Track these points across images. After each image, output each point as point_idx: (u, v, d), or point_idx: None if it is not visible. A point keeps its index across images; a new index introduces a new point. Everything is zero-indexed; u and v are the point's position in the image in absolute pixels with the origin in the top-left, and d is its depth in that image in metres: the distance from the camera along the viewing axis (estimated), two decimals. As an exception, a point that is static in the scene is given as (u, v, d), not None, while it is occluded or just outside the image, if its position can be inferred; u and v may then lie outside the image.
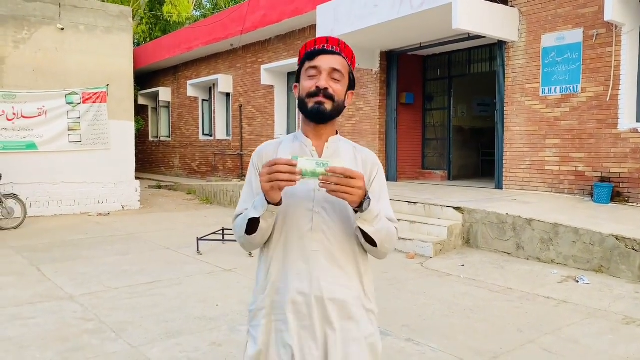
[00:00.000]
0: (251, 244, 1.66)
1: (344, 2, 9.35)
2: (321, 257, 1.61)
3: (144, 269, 5.94)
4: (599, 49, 7.38)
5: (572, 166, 7.72)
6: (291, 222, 1.63)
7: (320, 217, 1.61)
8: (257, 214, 1.54)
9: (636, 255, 5.12)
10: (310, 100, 1.62)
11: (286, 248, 1.64)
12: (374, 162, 1.74)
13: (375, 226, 1.55)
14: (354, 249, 1.66)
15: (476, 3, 7.77)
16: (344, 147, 1.72)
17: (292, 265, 1.63)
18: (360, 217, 1.53)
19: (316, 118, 1.63)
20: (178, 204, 12.26)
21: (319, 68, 1.63)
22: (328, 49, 1.65)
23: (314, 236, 1.61)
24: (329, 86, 1.61)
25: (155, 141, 20.44)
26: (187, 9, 21.15)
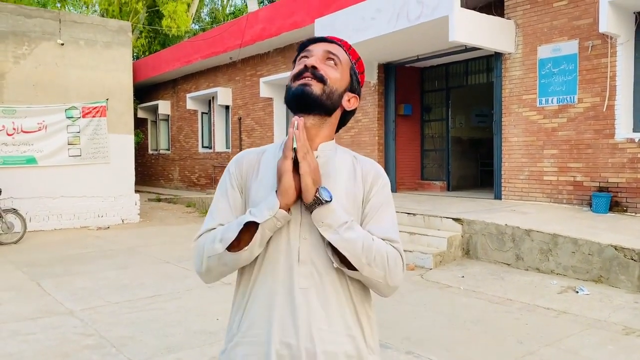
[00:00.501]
0: (225, 267, 1.30)
1: (341, 15, 9.44)
2: (312, 297, 1.28)
3: (144, 283, 5.95)
4: (594, 60, 7.45)
5: (571, 176, 7.75)
6: (274, 252, 1.31)
7: (309, 244, 1.29)
8: (259, 219, 1.23)
9: (635, 265, 5.14)
10: (295, 82, 1.33)
11: (267, 284, 1.31)
12: (376, 173, 1.40)
13: (344, 235, 1.24)
14: (349, 283, 1.33)
15: (472, 16, 7.85)
16: (340, 158, 1.40)
17: (275, 307, 1.28)
18: (318, 220, 1.24)
19: (299, 101, 1.32)
20: (178, 217, 12.27)
21: (310, 52, 1.38)
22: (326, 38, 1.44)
23: (302, 270, 1.28)
24: (319, 66, 1.33)
25: (155, 154, 20.49)
26: (185, 23, 21.26)
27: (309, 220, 1.28)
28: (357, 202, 1.35)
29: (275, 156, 1.38)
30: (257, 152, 1.45)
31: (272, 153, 1.41)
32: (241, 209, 1.38)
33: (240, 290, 1.38)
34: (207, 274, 1.34)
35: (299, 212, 1.31)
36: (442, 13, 7.63)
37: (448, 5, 7.54)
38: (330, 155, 1.39)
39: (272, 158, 1.38)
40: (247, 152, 1.47)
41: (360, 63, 1.46)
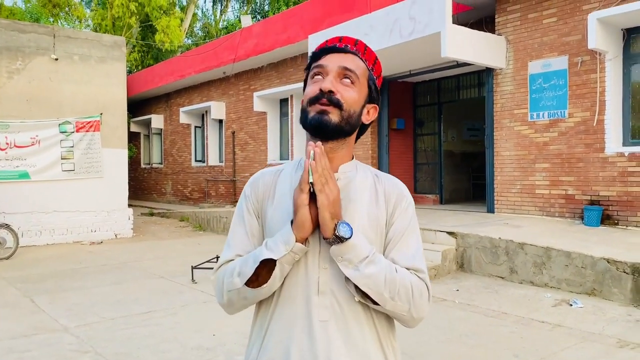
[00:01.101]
0: (246, 300, 1.27)
1: (335, 31, 9.54)
2: (332, 330, 1.21)
3: (139, 299, 5.92)
4: (584, 76, 7.58)
5: (562, 190, 7.84)
6: (292, 283, 1.25)
7: (329, 274, 1.23)
8: (275, 255, 1.18)
9: (627, 278, 5.20)
10: (311, 109, 1.26)
11: (285, 317, 1.25)
12: (400, 194, 1.33)
13: (364, 271, 1.17)
14: (373, 314, 1.26)
15: (464, 32, 7.97)
16: (360, 179, 1.33)
17: (293, 341, 1.23)
18: (337, 255, 1.18)
19: (316, 131, 1.25)
20: (171, 232, 12.23)
21: (324, 68, 1.28)
22: (339, 47, 1.30)
23: (322, 301, 1.22)
24: (335, 89, 1.24)
25: (147, 168, 20.46)
26: (179, 38, 21.39)
27: (328, 248, 1.21)
28: (380, 225, 1.29)
29: (291, 177, 1.32)
30: (273, 173, 1.38)
31: (288, 174, 1.35)
32: (259, 236, 1.33)
33: (258, 322, 1.32)
34: (229, 306, 1.32)
35: (317, 242, 1.24)
36: (434, 29, 7.74)
37: (440, 21, 7.66)
38: (351, 177, 1.32)
39: (289, 179, 1.33)
40: (262, 173, 1.40)
41: (377, 65, 1.37)
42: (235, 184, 15.18)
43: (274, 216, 1.30)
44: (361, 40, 1.34)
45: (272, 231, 1.28)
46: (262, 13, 27.47)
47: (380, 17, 8.65)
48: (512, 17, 8.44)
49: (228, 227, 11.66)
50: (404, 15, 8.21)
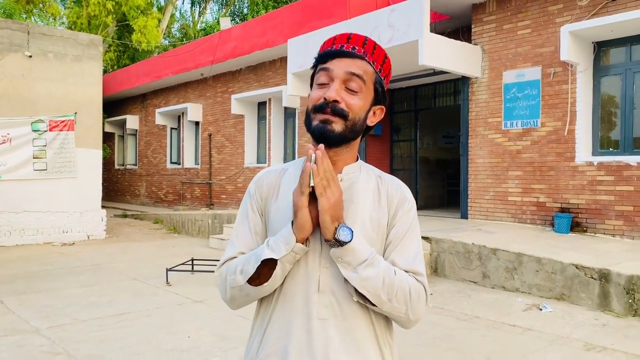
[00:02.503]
0: (247, 296, 1.28)
1: (314, 36, 9.61)
2: (330, 328, 1.23)
3: (112, 301, 5.85)
4: (556, 86, 7.79)
5: (534, 197, 8.03)
6: (292, 281, 1.27)
7: (329, 274, 1.25)
8: (276, 255, 1.19)
9: (595, 283, 5.35)
10: (316, 118, 1.27)
11: (285, 314, 1.27)
12: (402, 196, 1.35)
13: (362, 274, 1.19)
14: (372, 313, 1.28)
15: (441, 41, 8.12)
16: (363, 180, 1.34)
17: (292, 337, 1.25)
18: (337, 257, 1.20)
19: (320, 140, 1.26)
20: (145, 234, 12.09)
21: (330, 73, 1.26)
22: (347, 49, 1.27)
23: (322, 299, 1.24)
24: (339, 98, 1.24)
25: (122, 169, 20.18)
26: (156, 38, 21.20)
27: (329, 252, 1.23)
28: (381, 227, 1.30)
29: (295, 177, 1.32)
30: (278, 172, 1.39)
31: (292, 174, 1.36)
32: (262, 233, 1.35)
33: (259, 318, 1.34)
34: (232, 302, 1.32)
35: (318, 241, 1.26)
36: (412, 37, 7.87)
37: (418, 30, 7.78)
38: (354, 178, 1.33)
39: (293, 179, 1.33)
40: (267, 171, 1.41)
41: (386, 64, 1.34)
42: (211, 187, 15.09)
43: (277, 215, 1.32)
44: (370, 39, 1.30)
45: (275, 229, 1.30)
46: (241, 16, 27.42)
47: (360, 23, 8.74)
48: (488, 27, 8.62)
49: (203, 230, 11.63)
50: (383, 22, 8.31)
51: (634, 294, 5.07)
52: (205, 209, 14.34)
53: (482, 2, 8.67)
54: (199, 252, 9.07)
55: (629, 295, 5.10)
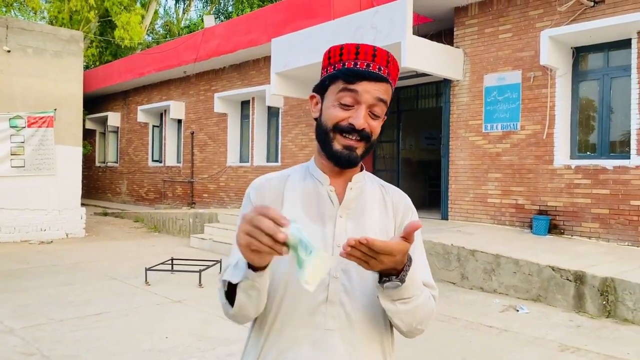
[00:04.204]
0: (235, 316, 1.19)
1: (298, 36, 9.61)
2: (337, 340, 1.19)
3: (90, 300, 5.79)
4: (535, 90, 7.90)
5: (513, 199, 8.13)
6: (297, 291, 1.18)
7: (339, 284, 1.21)
8: (235, 279, 1.10)
9: (570, 285, 5.45)
10: (338, 140, 1.22)
11: (288, 326, 1.21)
12: (406, 205, 1.35)
13: (409, 305, 1.15)
14: (379, 326, 1.25)
15: (423, 43, 8.17)
16: (369, 189, 1.33)
17: (296, 350, 1.19)
18: (386, 293, 1.13)
19: (342, 165, 1.24)
20: (125, 232, 11.97)
21: (358, 98, 1.21)
22: (374, 70, 1.21)
23: (330, 310, 1.20)
24: (367, 126, 1.21)
25: (102, 167, 19.95)
26: (139, 35, 20.93)
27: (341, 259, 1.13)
28: (389, 236, 1.27)
29: (300, 185, 1.29)
30: (280, 178, 1.32)
31: (297, 181, 1.31)
32: None
33: (257, 326, 1.27)
34: (229, 317, 1.22)
35: (330, 248, 1.22)
36: (395, 39, 7.91)
37: (401, 32, 7.83)
38: (363, 187, 1.32)
39: (298, 187, 1.29)
40: (267, 178, 1.33)
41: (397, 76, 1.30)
42: (193, 185, 15.00)
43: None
44: (390, 54, 1.26)
45: None
46: (226, 14, 27.27)
47: (344, 24, 8.76)
48: (470, 30, 8.71)
49: (184, 229, 11.55)
50: (367, 23, 8.34)
51: (608, 295, 5.16)
52: (186, 208, 14.25)
53: (465, 6, 8.75)
54: (179, 252, 9.01)
55: (603, 297, 5.20)
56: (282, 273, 1.20)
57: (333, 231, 1.24)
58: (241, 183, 13.35)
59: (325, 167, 1.28)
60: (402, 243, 1.04)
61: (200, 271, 6.64)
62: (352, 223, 1.26)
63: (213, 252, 9.09)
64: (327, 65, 1.26)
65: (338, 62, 1.23)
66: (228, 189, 13.77)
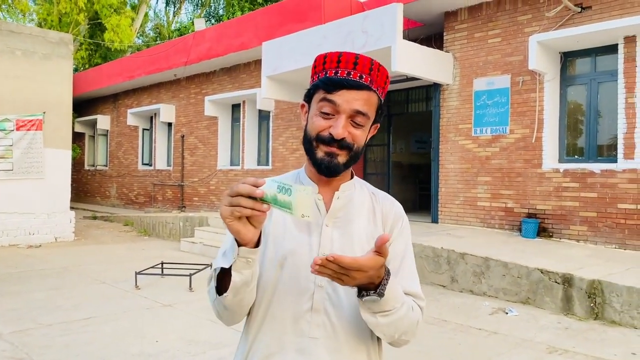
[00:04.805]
0: (226, 309, 1.18)
1: (289, 40, 9.63)
2: (321, 348, 1.20)
3: (79, 305, 5.75)
4: (524, 94, 7.97)
5: (502, 202, 8.19)
6: (283, 297, 1.22)
7: (324, 293, 1.22)
8: (227, 263, 1.10)
9: (558, 287, 5.50)
10: (320, 148, 1.22)
11: (273, 332, 1.23)
12: (396, 214, 1.34)
13: (390, 317, 1.15)
14: (365, 336, 1.26)
15: (414, 48, 8.23)
16: (358, 197, 1.32)
17: (281, 356, 1.21)
18: (366, 306, 1.13)
19: (324, 172, 1.24)
20: (115, 236, 11.90)
21: (337, 108, 1.20)
22: (354, 79, 1.20)
23: (315, 318, 1.21)
24: (346, 135, 1.21)
25: (92, 170, 19.83)
26: (129, 37, 20.86)
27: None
28: None
29: None
30: None
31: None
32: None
33: (244, 334, 1.29)
34: (220, 318, 1.24)
35: (315, 253, 1.22)
36: (385, 44, 7.95)
37: (391, 36, 7.87)
38: (350, 196, 1.31)
39: None
40: None
41: (387, 84, 1.30)
42: (183, 189, 14.95)
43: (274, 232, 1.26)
44: (375, 61, 1.24)
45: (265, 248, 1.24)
46: (217, 17, 27.25)
47: (334, 28, 8.80)
48: (460, 35, 8.78)
49: (174, 232, 11.50)
50: (357, 28, 8.39)
51: (595, 297, 5.22)
52: (176, 212, 14.20)
53: (454, 11, 8.82)
54: (170, 256, 8.97)
55: (590, 299, 5.25)
56: (270, 278, 1.21)
57: (319, 240, 1.24)
58: (232, 186, 13.30)
59: (314, 175, 1.28)
60: (374, 258, 1.04)
61: (191, 275, 6.62)
62: (338, 232, 1.26)
63: (204, 255, 9.07)
64: (313, 74, 1.27)
65: (321, 71, 1.24)
66: (219, 192, 13.74)
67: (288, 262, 1.22)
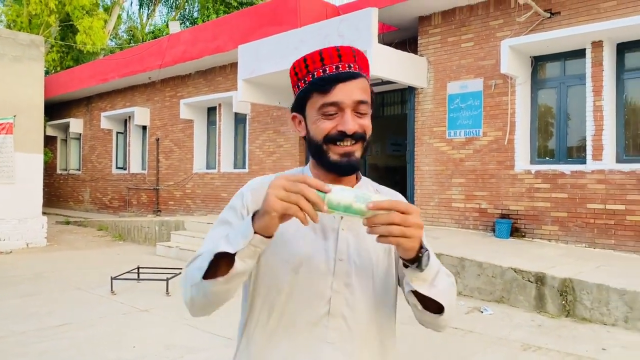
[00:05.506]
0: (206, 297, 1.12)
1: (265, 43, 9.64)
2: (337, 353, 1.19)
3: (54, 311, 5.66)
4: (497, 98, 8.14)
5: (476, 203, 8.34)
6: (299, 303, 1.19)
7: (342, 298, 1.20)
8: (232, 248, 1.04)
9: (532, 286, 5.63)
10: (333, 150, 1.19)
11: (290, 338, 1.20)
12: None
13: (439, 286, 1.15)
14: (381, 340, 1.26)
15: (389, 52, 8.33)
16: None
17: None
18: (417, 277, 1.12)
19: (343, 173, 1.22)
20: (89, 241, 11.72)
21: (340, 105, 1.17)
22: (345, 70, 1.18)
23: (332, 323, 1.19)
24: (357, 127, 1.18)
25: (64, 174, 19.47)
26: (102, 40, 20.58)
27: (345, 269, 1.20)
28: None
29: None
30: None
31: None
32: None
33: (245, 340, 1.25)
34: (191, 305, 1.16)
35: (332, 261, 1.20)
36: (361, 47, 8.01)
37: (367, 40, 7.96)
38: None
39: None
40: (263, 182, 1.26)
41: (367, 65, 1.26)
42: (159, 193, 14.80)
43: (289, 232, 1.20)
44: (355, 48, 1.22)
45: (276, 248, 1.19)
46: (191, 20, 27.07)
47: (312, 31, 8.84)
48: (434, 39, 8.91)
49: (150, 237, 11.38)
50: (334, 31, 8.45)
51: (567, 295, 5.36)
52: (152, 216, 14.04)
53: (428, 15, 8.96)
54: (146, 260, 8.88)
55: (562, 297, 5.40)
56: (284, 282, 1.18)
57: (335, 245, 1.22)
58: (208, 190, 13.25)
59: (324, 176, 1.24)
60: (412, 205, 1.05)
61: (168, 279, 6.57)
62: (353, 235, 1.24)
63: (180, 260, 9.00)
64: (297, 81, 1.23)
65: (307, 75, 1.20)
66: (194, 196, 13.64)
67: (304, 267, 1.19)
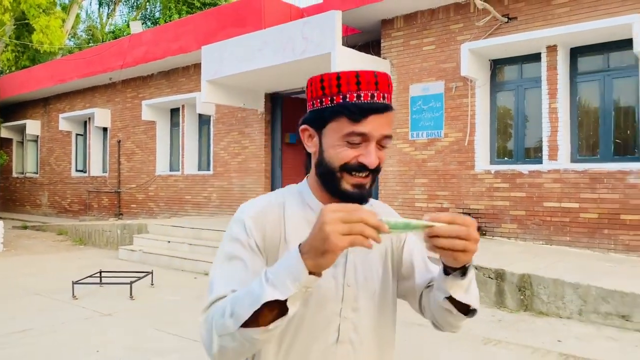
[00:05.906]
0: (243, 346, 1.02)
1: (228, 45, 9.61)
2: None
3: (13, 317, 5.51)
4: (457, 100, 8.35)
5: (438, 203, 8.53)
6: (309, 333, 1.18)
7: (350, 323, 1.20)
8: (282, 294, 0.95)
9: (492, 282, 5.81)
10: (347, 179, 1.14)
11: None
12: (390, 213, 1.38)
13: (473, 292, 1.18)
14: (381, 352, 1.29)
15: (352, 54, 8.43)
16: None
17: None
18: (457, 284, 1.14)
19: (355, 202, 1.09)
20: (48, 246, 11.41)
21: (367, 136, 1.12)
22: (379, 101, 1.12)
23: (340, 350, 1.20)
24: (378, 161, 1.14)
25: (21, 177, 18.87)
26: (60, 39, 20.00)
27: (353, 294, 1.19)
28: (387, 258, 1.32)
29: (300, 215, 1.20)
30: (276, 207, 1.21)
31: (296, 212, 1.21)
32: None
33: None
34: (219, 356, 1.04)
35: (341, 286, 1.18)
36: (325, 50, 8.11)
37: (331, 42, 8.04)
38: None
39: (299, 218, 1.20)
40: (261, 206, 1.21)
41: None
42: (120, 196, 14.52)
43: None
44: (387, 74, 1.17)
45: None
46: (153, 20, 26.66)
47: (275, 33, 8.87)
48: (396, 42, 9.08)
49: (112, 241, 11.16)
50: (298, 34, 8.50)
51: (525, 291, 5.56)
52: (113, 219, 13.78)
53: (391, 19, 9.12)
54: (108, 264, 8.71)
55: (521, 292, 5.59)
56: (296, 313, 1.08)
57: (343, 270, 1.20)
58: (171, 192, 13.09)
59: (323, 194, 1.20)
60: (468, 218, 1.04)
61: (132, 283, 6.48)
62: (359, 259, 1.23)
63: (143, 263, 8.87)
64: (322, 95, 1.15)
65: (337, 95, 1.12)
66: (158, 198, 13.45)
67: (313, 297, 1.14)
